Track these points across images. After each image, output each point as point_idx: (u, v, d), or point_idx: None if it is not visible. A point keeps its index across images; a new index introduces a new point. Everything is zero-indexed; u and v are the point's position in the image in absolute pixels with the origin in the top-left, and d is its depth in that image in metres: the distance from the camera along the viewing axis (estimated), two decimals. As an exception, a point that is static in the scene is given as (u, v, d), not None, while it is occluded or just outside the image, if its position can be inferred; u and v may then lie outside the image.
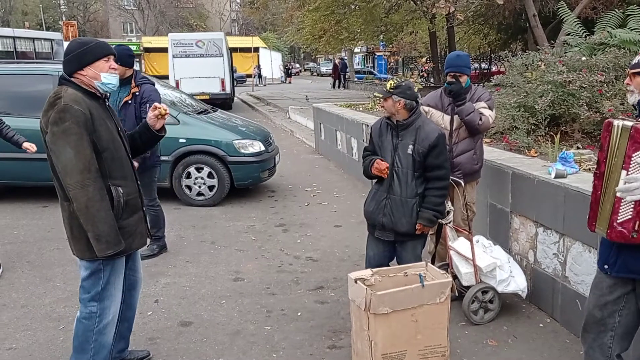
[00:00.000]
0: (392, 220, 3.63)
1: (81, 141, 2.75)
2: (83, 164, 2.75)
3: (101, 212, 2.79)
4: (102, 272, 2.96)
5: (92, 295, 2.98)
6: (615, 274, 2.59)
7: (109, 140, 2.90)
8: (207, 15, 59.43)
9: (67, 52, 2.91)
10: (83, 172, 2.75)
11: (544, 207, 4.00)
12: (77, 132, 2.74)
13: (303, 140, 13.20)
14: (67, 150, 2.74)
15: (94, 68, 2.88)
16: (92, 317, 2.99)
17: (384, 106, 3.67)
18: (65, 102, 2.75)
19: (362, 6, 19.32)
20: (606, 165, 2.43)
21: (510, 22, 19.16)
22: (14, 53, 21.86)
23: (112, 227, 2.84)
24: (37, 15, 58.06)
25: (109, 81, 2.93)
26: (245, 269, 5.13)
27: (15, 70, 7.72)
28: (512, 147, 5.47)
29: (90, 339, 3.01)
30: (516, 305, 4.26)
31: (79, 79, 2.89)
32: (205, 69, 19.34)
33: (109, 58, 2.94)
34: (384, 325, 3.16)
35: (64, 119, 2.73)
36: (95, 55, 2.89)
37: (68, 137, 2.73)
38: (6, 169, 7.11)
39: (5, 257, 5.37)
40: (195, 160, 7.25)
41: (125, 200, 2.96)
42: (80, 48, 2.88)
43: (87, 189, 2.75)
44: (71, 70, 2.89)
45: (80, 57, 2.87)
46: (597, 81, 5.75)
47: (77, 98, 2.80)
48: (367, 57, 54.50)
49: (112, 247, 2.84)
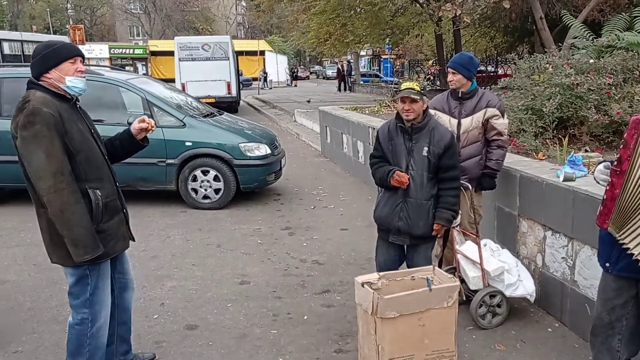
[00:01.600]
0: (408, 223, 3.61)
1: (52, 144, 2.69)
2: (55, 168, 2.69)
3: (76, 215, 2.73)
4: (89, 278, 2.91)
5: (81, 301, 2.93)
6: (617, 273, 2.57)
7: (81, 141, 2.84)
8: (213, 18, 59.55)
9: (33, 55, 2.84)
10: (56, 175, 2.68)
11: (552, 210, 3.97)
12: (48, 135, 2.68)
13: (309, 143, 13.20)
14: (39, 154, 2.68)
15: (59, 70, 2.81)
16: (84, 322, 2.95)
17: (414, 109, 3.51)
18: (33, 105, 2.69)
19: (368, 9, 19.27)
20: (630, 164, 2.38)
21: (516, 25, 19.10)
22: (22, 56, 22.00)
23: (89, 231, 2.78)
24: (45, 19, 58.34)
25: (74, 84, 2.85)
26: (252, 272, 5.12)
27: (23, 74, 7.74)
28: (520, 150, 5.44)
29: (85, 343, 2.98)
30: (524, 309, 4.23)
31: (46, 81, 2.82)
32: (212, 72, 19.41)
33: (75, 60, 2.86)
34: (391, 329, 3.13)
35: (34, 123, 2.67)
36: (60, 57, 2.81)
37: (39, 140, 2.67)
38: (13, 173, 7.12)
39: (12, 259, 5.38)
40: (202, 163, 7.25)
41: (104, 202, 2.90)
42: (44, 50, 2.81)
43: (61, 193, 2.69)
44: (38, 73, 2.82)
45: (45, 59, 2.80)
46: (605, 84, 5.72)
47: (46, 101, 2.74)
48: (373, 60, 54.47)
49: (89, 252, 2.78)
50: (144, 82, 8.04)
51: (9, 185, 7.47)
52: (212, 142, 7.26)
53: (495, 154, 4.24)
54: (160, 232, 6.30)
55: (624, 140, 2.40)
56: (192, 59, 19.76)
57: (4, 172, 7.15)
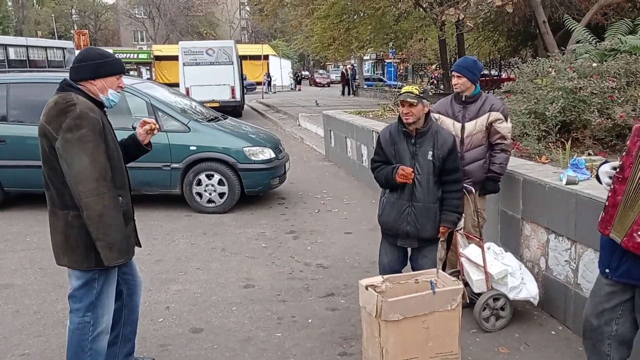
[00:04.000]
0: (417, 227, 3.64)
1: (97, 149, 2.75)
2: (99, 172, 2.74)
3: (115, 220, 2.79)
4: (95, 282, 2.93)
5: (84, 305, 2.94)
6: (617, 279, 2.58)
7: (113, 149, 2.91)
8: (217, 23, 59.80)
9: (83, 59, 2.87)
10: (99, 180, 2.73)
11: (556, 213, 3.98)
12: (94, 139, 2.74)
13: (313, 147, 13.22)
14: (82, 157, 2.71)
15: (106, 82, 2.89)
16: (85, 326, 2.95)
17: (413, 112, 3.52)
18: (81, 109, 2.74)
19: (372, 14, 19.34)
20: (632, 171, 2.39)
21: (520, 29, 19.12)
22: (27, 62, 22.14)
23: (125, 236, 2.85)
24: (50, 25, 58.73)
25: (114, 99, 2.97)
26: (256, 276, 5.14)
27: (29, 79, 7.81)
28: (523, 153, 5.45)
29: (86, 348, 2.97)
30: (528, 312, 4.24)
31: (86, 87, 2.87)
32: (216, 77, 19.44)
33: (121, 76, 2.98)
34: (394, 332, 3.15)
35: (81, 126, 2.71)
36: (113, 71, 2.91)
37: (85, 144, 2.71)
38: (19, 177, 7.19)
39: (19, 263, 5.42)
40: (206, 168, 7.28)
41: (125, 210, 2.96)
42: (100, 59, 2.87)
43: (103, 197, 2.73)
44: (81, 77, 2.86)
45: (99, 67, 2.87)
46: (609, 87, 5.73)
47: (91, 106, 2.81)
48: (377, 64, 54.48)
49: (123, 256, 2.85)
50: (149, 86, 8.08)
51: (14, 189, 7.51)
52: (217, 146, 7.29)
53: (499, 158, 4.26)
54: (165, 236, 6.33)
55: (627, 147, 2.42)
56: (196, 64, 19.81)
57: (12, 176, 7.22)
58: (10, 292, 4.79)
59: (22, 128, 7.04)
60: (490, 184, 4.32)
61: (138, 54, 42.57)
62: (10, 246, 6.02)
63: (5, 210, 7.44)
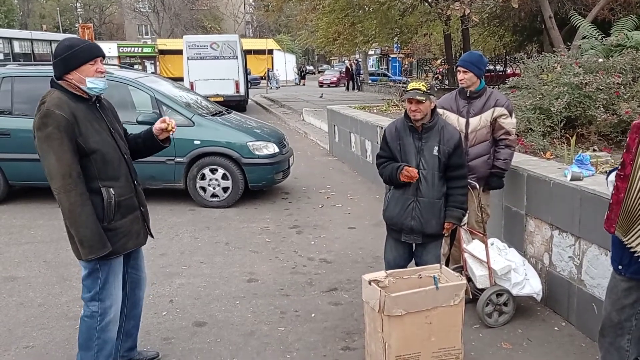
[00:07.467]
0: (421, 222, 3.64)
1: (62, 146, 2.76)
2: (64, 169, 2.77)
3: (82, 216, 2.80)
4: (99, 272, 2.97)
5: (92, 294, 3.00)
6: (630, 275, 2.57)
7: (97, 141, 2.89)
8: (221, 17, 59.67)
9: (55, 55, 2.89)
10: (65, 177, 2.77)
11: (560, 209, 3.97)
12: (59, 137, 2.75)
13: (317, 142, 13.22)
14: (50, 155, 2.76)
15: (80, 72, 2.86)
16: (94, 316, 3.01)
17: (421, 109, 3.52)
18: (47, 107, 2.78)
19: (377, 8, 19.27)
20: (632, 168, 2.38)
21: (525, 24, 19.06)
22: (32, 55, 22.18)
23: (95, 232, 2.84)
24: (54, 18, 58.77)
25: (95, 85, 2.91)
26: (259, 270, 5.15)
27: (34, 72, 7.81)
28: (528, 149, 5.43)
29: (94, 337, 3.03)
30: (531, 308, 4.23)
31: (67, 81, 2.88)
32: (220, 71, 19.45)
33: (96, 61, 2.91)
34: (397, 327, 3.15)
35: (47, 124, 2.75)
36: (81, 60, 2.86)
37: (51, 142, 2.76)
38: (23, 170, 7.20)
39: (23, 256, 5.44)
40: (210, 162, 7.28)
41: (118, 201, 2.95)
42: (66, 52, 2.85)
43: (69, 194, 2.77)
44: (59, 74, 2.89)
45: (66, 61, 2.85)
46: (614, 83, 5.70)
47: (61, 102, 2.80)
48: (381, 59, 54.34)
49: (94, 252, 2.85)
50: (153, 80, 8.09)
51: (18, 183, 7.53)
52: (221, 140, 7.29)
53: (503, 154, 4.25)
54: (168, 230, 6.34)
55: (627, 144, 2.41)
56: (201, 58, 19.81)
57: (16, 169, 7.24)
58: (14, 284, 4.81)
59: (26, 121, 7.01)
60: (495, 179, 4.31)
61: (142, 48, 42.56)
62: (15, 239, 6.04)
63: (10, 203, 7.46)
